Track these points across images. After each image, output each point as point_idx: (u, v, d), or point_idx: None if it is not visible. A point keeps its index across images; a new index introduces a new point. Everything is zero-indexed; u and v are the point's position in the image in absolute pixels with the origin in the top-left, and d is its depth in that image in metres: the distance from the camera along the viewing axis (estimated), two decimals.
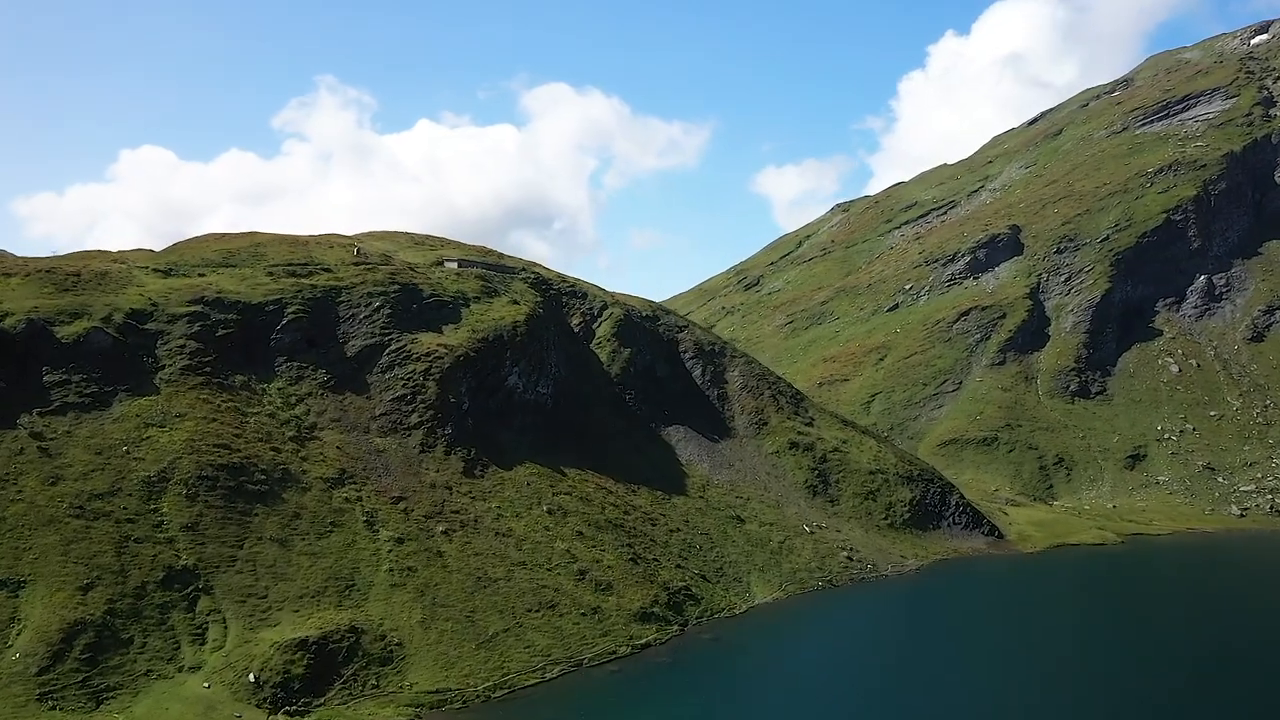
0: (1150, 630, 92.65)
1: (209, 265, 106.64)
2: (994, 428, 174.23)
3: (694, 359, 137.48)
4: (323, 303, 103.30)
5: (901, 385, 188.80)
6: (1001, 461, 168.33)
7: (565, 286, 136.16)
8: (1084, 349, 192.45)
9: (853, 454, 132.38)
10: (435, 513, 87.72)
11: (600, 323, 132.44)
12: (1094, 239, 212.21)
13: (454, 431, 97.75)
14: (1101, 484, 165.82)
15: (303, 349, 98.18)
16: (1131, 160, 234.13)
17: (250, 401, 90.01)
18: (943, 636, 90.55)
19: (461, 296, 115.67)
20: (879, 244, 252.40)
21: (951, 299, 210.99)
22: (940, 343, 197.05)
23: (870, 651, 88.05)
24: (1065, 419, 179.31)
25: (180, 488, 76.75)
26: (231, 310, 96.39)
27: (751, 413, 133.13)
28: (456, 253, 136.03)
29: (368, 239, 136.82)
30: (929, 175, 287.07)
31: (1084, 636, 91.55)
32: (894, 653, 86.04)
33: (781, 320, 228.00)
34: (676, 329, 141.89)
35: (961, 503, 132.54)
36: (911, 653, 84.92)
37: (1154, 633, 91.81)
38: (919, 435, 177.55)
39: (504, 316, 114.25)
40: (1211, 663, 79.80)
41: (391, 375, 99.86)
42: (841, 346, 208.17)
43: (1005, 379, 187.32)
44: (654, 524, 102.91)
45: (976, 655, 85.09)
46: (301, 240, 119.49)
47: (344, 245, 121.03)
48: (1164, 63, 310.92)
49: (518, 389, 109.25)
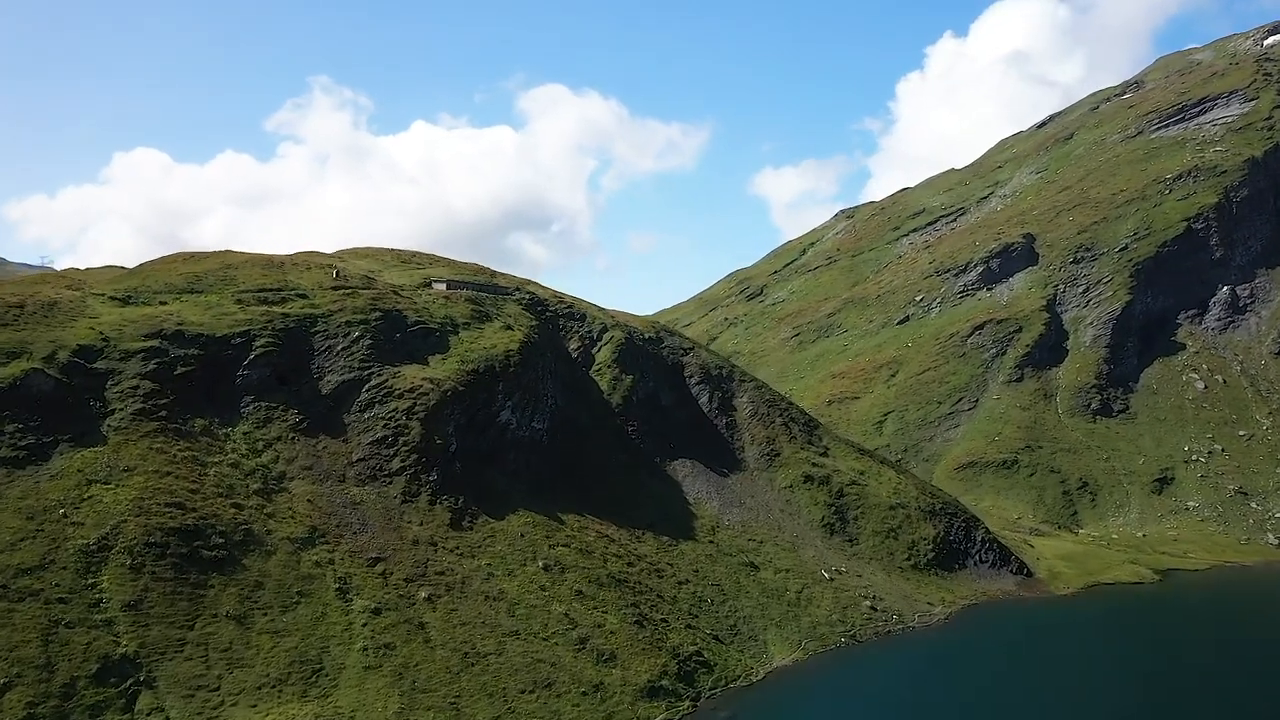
0: (1210, 687, 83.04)
1: (173, 291, 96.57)
2: (1014, 450, 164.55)
3: (700, 384, 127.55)
4: (296, 333, 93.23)
5: (915, 403, 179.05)
6: (1023, 486, 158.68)
7: (562, 307, 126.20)
8: (1105, 364, 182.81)
9: (871, 486, 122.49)
10: (417, 575, 77.67)
11: (600, 347, 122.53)
12: (1112, 248, 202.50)
13: (440, 478, 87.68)
14: (1128, 510, 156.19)
15: (272, 387, 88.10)
16: (1148, 166, 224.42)
17: (211, 449, 79.89)
18: (982, 704, 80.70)
19: (450, 322, 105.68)
20: (886, 252, 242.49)
21: (965, 311, 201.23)
22: (954, 358, 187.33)
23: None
24: (1087, 439, 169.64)
25: (124, 557, 66.64)
26: (193, 344, 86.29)
27: (762, 443, 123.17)
28: (446, 271, 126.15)
29: (350, 257, 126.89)
30: (936, 181, 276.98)
31: (1138, 696, 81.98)
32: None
33: (787, 333, 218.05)
34: (681, 351, 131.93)
35: (987, 538, 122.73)
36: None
37: (1214, 691, 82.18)
38: (935, 457, 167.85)
39: (496, 345, 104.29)
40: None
41: (371, 415, 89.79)
42: (851, 361, 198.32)
43: (1023, 397, 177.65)
44: (661, 576, 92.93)
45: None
46: (276, 261, 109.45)
47: (323, 266, 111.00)
48: (1174, 64, 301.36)
49: (511, 425, 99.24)
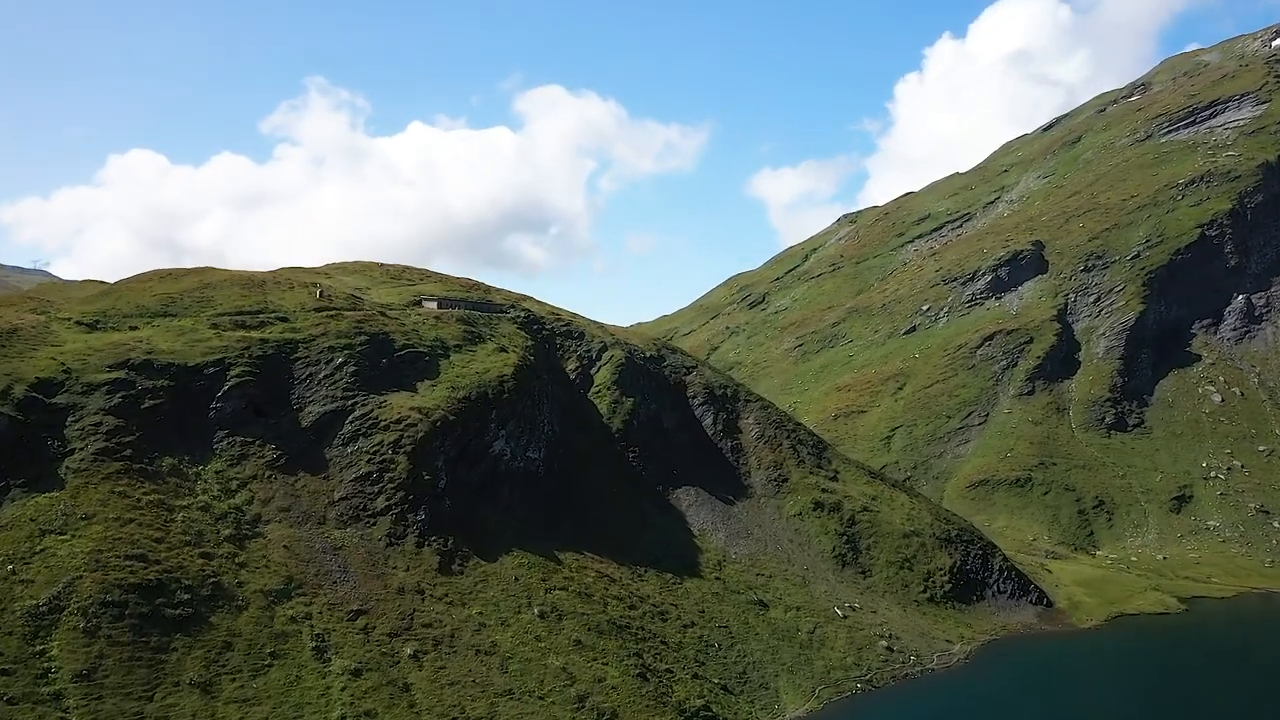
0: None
1: (144, 315, 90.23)
2: (1026, 467, 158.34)
3: (704, 405, 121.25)
4: (275, 361, 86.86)
5: (924, 418, 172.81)
6: (1037, 505, 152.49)
7: (559, 325, 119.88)
8: (1118, 376, 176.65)
9: (884, 513, 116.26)
10: (402, 628, 71.34)
11: (599, 367, 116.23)
12: (1123, 256, 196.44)
13: (428, 517, 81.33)
14: (1146, 530, 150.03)
15: (248, 420, 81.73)
16: (1159, 170, 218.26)
17: (179, 491, 73.50)
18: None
19: (440, 345, 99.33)
20: (891, 259, 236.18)
21: (973, 321, 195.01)
22: (963, 370, 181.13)
23: None
24: (1102, 455, 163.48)
25: (77, 619, 60.24)
26: (163, 375, 79.90)
27: (769, 467, 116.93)
28: (438, 288, 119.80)
29: (338, 273, 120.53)
30: (940, 185, 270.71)
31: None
32: None
33: (791, 343, 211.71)
34: (683, 370, 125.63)
35: (1005, 566, 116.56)
36: None
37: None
38: (945, 475, 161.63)
39: (489, 369, 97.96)
40: None
41: (354, 449, 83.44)
42: (856, 373, 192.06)
43: (1035, 410, 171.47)
44: (665, 619, 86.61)
45: None
46: (257, 280, 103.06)
47: (307, 284, 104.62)
48: (1181, 65, 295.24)
49: (504, 456, 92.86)
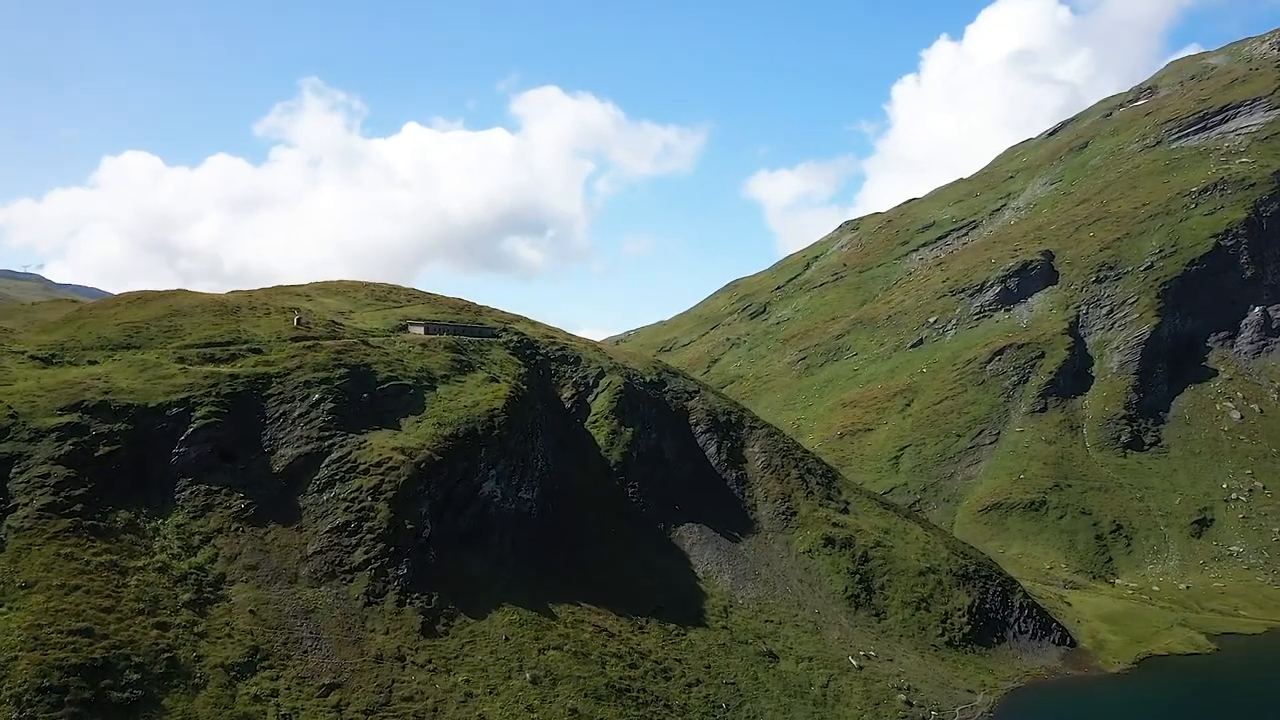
0: None
1: (106, 347, 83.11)
2: (1041, 489, 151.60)
3: (707, 433, 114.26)
4: (246, 399, 79.73)
5: (933, 436, 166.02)
6: (1052, 530, 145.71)
7: (554, 349, 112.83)
8: (1133, 393, 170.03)
9: (898, 548, 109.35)
10: (380, 703, 64.26)
11: (596, 395, 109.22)
12: (1136, 266, 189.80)
13: (410, 571, 74.28)
14: (1167, 556, 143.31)
15: (214, 466, 74.61)
16: (1170, 178, 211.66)
17: (135, 549, 66.36)
18: None
19: (426, 376, 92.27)
20: (896, 269, 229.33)
21: (982, 334, 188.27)
22: (973, 386, 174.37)
23: None
24: (1118, 476, 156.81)
25: (9, 709, 53.24)
26: (121, 417, 72.73)
27: (777, 499, 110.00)
28: (425, 310, 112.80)
29: (319, 294, 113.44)
30: (945, 192, 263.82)
31: None
32: None
33: (793, 356, 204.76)
34: (686, 395, 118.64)
35: (1026, 603, 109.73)
36: None
37: None
38: (956, 497, 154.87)
39: (479, 402, 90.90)
40: None
41: (331, 496, 76.36)
42: (862, 388, 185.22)
43: (1048, 429, 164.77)
44: (668, 677, 79.65)
45: None
46: (230, 306, 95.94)
47: (284, 310, 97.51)
48: (1188, 68, 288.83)
49: (495, 498, 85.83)
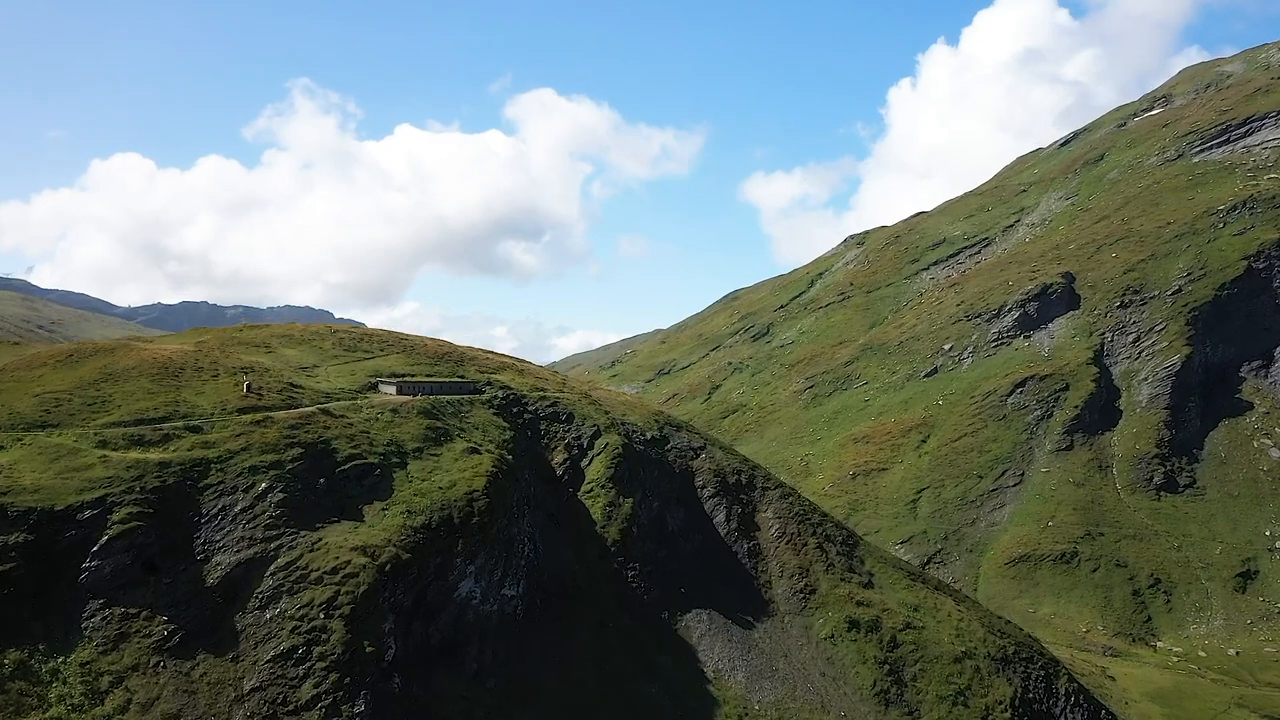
0: None
1: (17, 426, 70.24)
2: (1072, 538, 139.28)
3: (715, 497, 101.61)
4: (177, 493, 66.85)
5: (952, 477, 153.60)
6: (1085, 585, 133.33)
7: (544, 406, 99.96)
8: (1165, 429, 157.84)
9: (929, 629, 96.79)
10: None
11: (592, 459, 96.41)
12: (1163, 290, 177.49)
13: (369, 706, 61.30)
14: (1211, 615, 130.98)
15: (133, 582, 61.70)
16: (1195, 194, 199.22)
17: (24, 703, 53.48)
18: None
19: (396, 451, 79.45)
20: (905, 288, 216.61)
21: (1001, 364, 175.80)
22: (993, 421, 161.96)
23: None
24: (1153, 522, 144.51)
25: None
26: (20, 525, 59.78)
27: (794, 574, 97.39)
28: (399, 362, 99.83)
29: (281, 344, 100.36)
30: (954, 206, 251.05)
31: None
32: None
33: (799, 384, 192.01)
34: (690, 453, 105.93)
35: (1072, 689, 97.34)
36: None
37: None
38: (980, 547, 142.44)
39: (456, 481, 78.10)
40: None
41: (275, 614, 63.46)
42: (874, 421, 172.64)
43: (1076, 469, 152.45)
44: None
45: None
46: (174, 367, 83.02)
47: (234, 372, 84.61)
48: (1203, 75, 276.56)
49: (474, 599, 73.13)
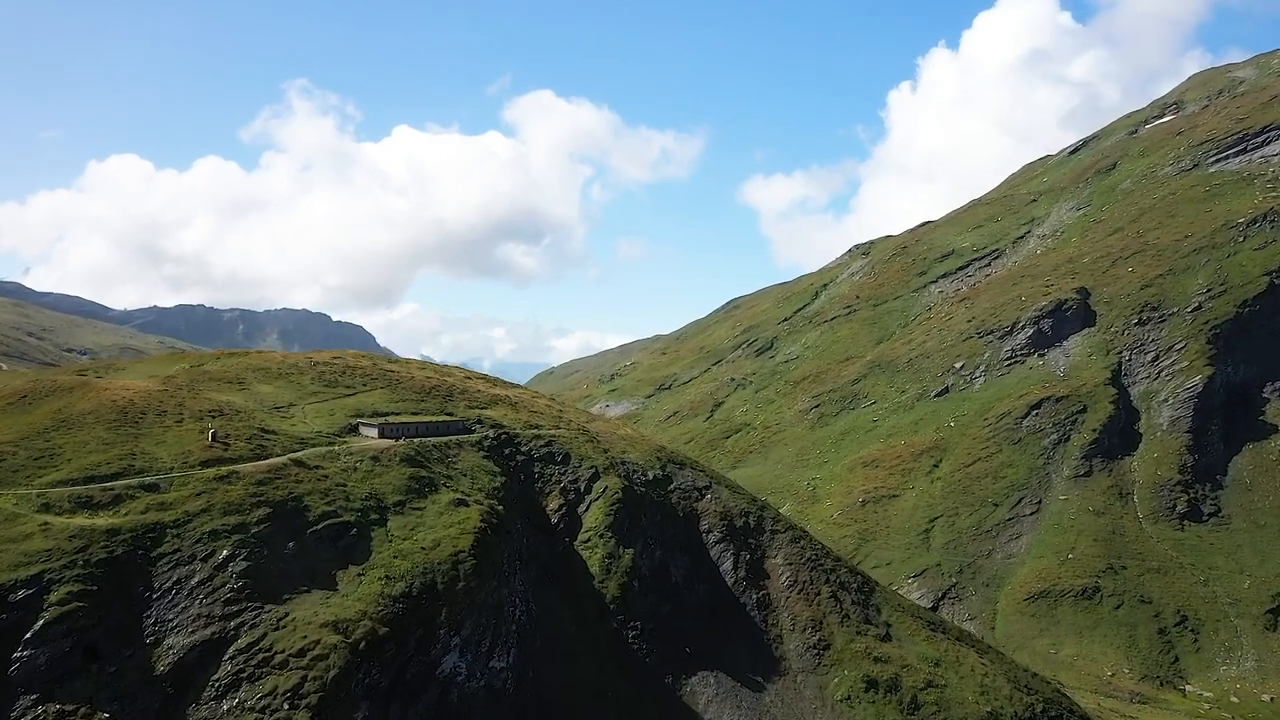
0: None
1: None
2: (1093, 571, 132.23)
3: (722, 543, 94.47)
4: (126, 565, 59.71)
5: (966, 505, 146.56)
6: (1109, 623, 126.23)
7: (538, 446, 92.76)
8: (1187, 453, 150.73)
9: (952, 687, 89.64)
10: None
11: (589, 504, 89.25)
12: (1182, 307, 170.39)
13: None
14: (1241, 655, 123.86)
15: (73, 671, 54.58)
16: (1213, 206, 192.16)
17: None
18: None
19: (376, 506, 72.32)
20: (913, 302, 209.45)
21: (1015, 383, 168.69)
22: (1008, 445, 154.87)
23: None
24: (1177, 554, 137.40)
25: None
26: None
27: (807, 627, 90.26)
28: (383, 398, 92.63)
29: (257, 380, 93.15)
30: (962, 216, 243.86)
31: None
32: None
33: (806, 403, 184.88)
34: (695, 494, 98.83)
35: None
36: None
37: None
38: (997, 581, 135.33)
39: (440, 540, 70.98)
40: None
41: (233, 705, 56.24)
42: (883, 443, 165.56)
43: (1095, 496, 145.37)
44: None
45: None
46: (135, 411, 75.85)
47: (199, 417, 77.46)
48: (1214, 82, 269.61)
49: (458, 675, 65.99)
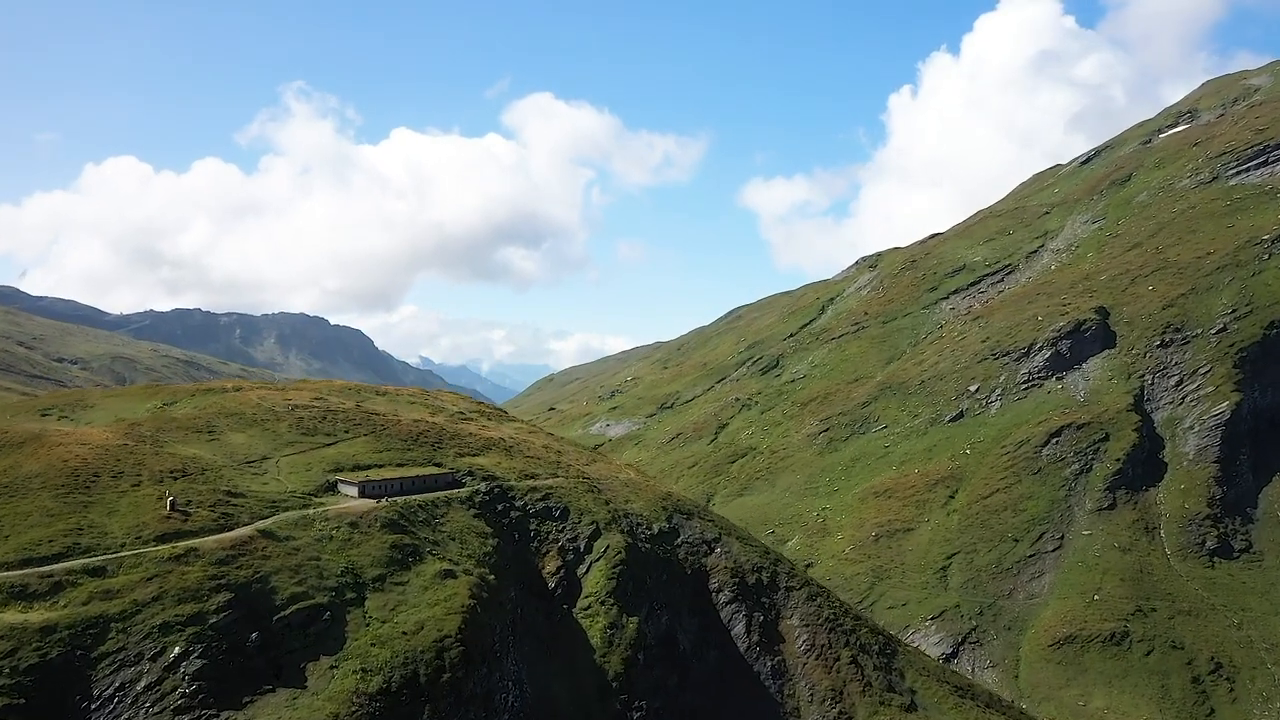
0: None
1: None
2: (1121, 614, 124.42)
3: (733, 603, 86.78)
4: (62, 670, 51.93)
5: (985, 540, 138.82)
6: (1139, 672, 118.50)
7: (535, 500, 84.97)
8: (1216, 485, 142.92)
9: None
10: None
11: (590, 565, 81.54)
12: (1206, 328, 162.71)
13: None
14: None
15: None
16: (1235, 221, 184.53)
17: None
18: None
19: (352, 583, 64.56)
20: (924, 319, 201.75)
21: (1033, 409, 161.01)
22: (1027, 475, 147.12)
23: None
24: (1209, 594, 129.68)
25: None
26: None
27: (826, 698, 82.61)
28: (366, 447, 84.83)
29: (230, 425, 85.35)
30: (972, 228, 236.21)
31: None
32: None
33: (814, 426, 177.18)
34: (704, 547, 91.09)
35: None
36: None
37: None
38: (1019, 624, 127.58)
39: (425, 622, 63.24)
40: None
41: None
42: (896, 471, 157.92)
43: (1120, 532, 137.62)
44: None
45: None
46: (86, 476, 68.00)
47: (159, 480, 69.68)
48: (1228, 89, 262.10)
49: None
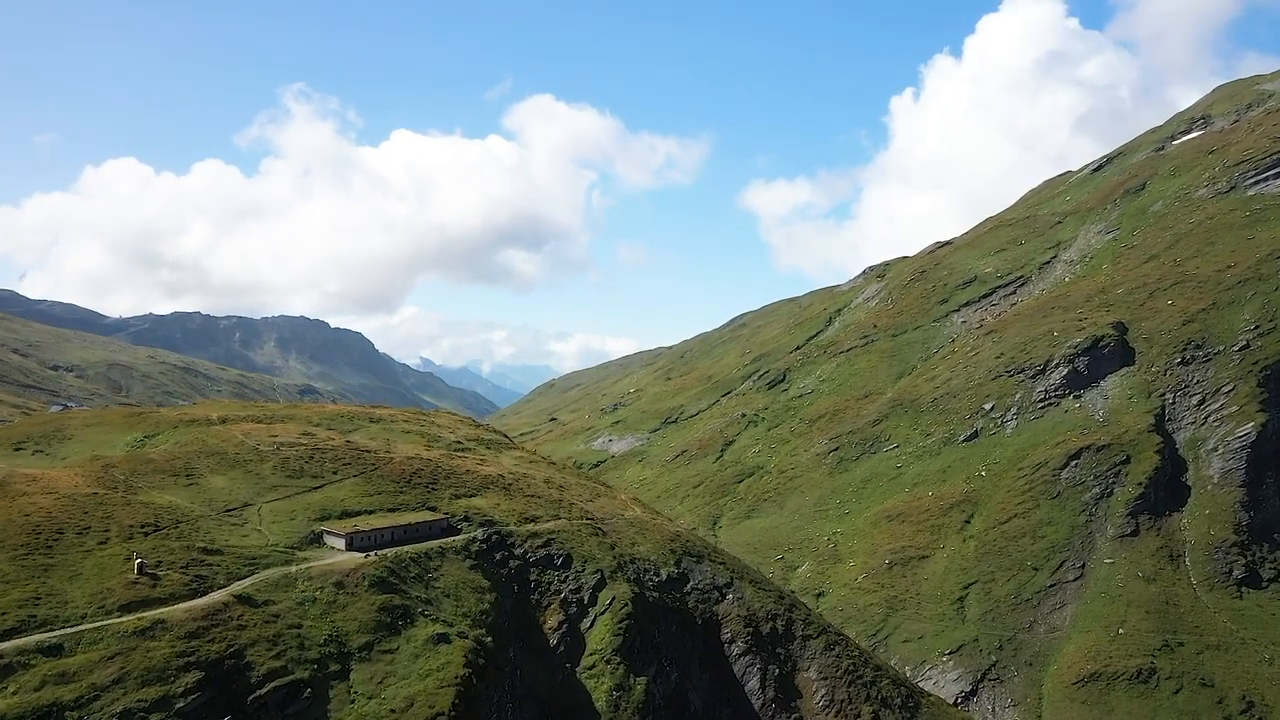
0: None
1: None
2: (1147, 649, 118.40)
3: (747, 654, 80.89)
4: None
5: (1003, 569, 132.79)
6: (1168, 711, 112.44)
7: (535, 547, 79.06)
8: (1242, 510, 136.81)
9: None
10: None
11: (595, 619, 75.65)
12: (1228, 345, 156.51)
13: None
14: None
15: None
16: (1255, 233, 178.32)
17: None
18: None
19: (337, 653, 58.70)
20: (935, 332, 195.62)
21: (1050, 428, 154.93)
22: (1046, 499, 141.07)
23: None
24: (1237, 627, 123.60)
25: None
26: None
27: None
28: (355, 491, 78.91)
29: (210, 470, 79.49)
30: (983, 238, 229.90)
31: None
32: None
33: (823, 445, 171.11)
34: (715, 594, 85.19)
35: None
36: None
37: None
38: (1040, 659, 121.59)
39: (416, 698, 57.45)
40: None
41: None
42: (908, 494, 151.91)
43: (1144, 559, 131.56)
44: None
45: None
46: (49, 533, 62.18)
47: (129, 535, 63.90)
48: (1241, 95, 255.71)
49: None
